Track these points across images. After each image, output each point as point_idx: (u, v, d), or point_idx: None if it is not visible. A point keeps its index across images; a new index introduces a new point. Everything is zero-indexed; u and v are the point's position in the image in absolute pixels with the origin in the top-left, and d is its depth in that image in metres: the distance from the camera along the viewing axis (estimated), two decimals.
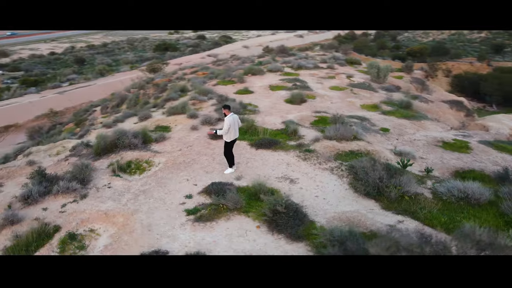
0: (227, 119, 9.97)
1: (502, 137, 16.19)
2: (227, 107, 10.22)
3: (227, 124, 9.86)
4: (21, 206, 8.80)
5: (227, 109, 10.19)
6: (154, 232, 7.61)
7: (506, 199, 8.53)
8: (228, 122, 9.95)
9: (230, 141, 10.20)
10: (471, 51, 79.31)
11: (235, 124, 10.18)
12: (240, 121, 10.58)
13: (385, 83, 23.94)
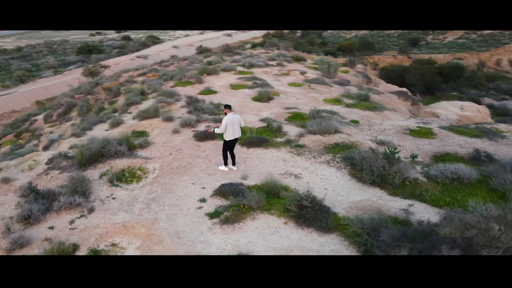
0: (225, 118, 10.01)
1: (453, 122, 17.87)
2: (228, 107, 10.26)
3: (225, 122, 9.90)
4: (21, 227, 8.01)
5: (227, 109, 10.23)
6: (185, 239, 7.40)
7: (494, 176, 9.53)
8: (225, 120, 9.97)
9: (229, 140, 10.19)
10: (391, 45, 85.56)
11: (234, 124, 10.17)
12: (242, 121, 10.56)
13: (336, 78, 25.08)
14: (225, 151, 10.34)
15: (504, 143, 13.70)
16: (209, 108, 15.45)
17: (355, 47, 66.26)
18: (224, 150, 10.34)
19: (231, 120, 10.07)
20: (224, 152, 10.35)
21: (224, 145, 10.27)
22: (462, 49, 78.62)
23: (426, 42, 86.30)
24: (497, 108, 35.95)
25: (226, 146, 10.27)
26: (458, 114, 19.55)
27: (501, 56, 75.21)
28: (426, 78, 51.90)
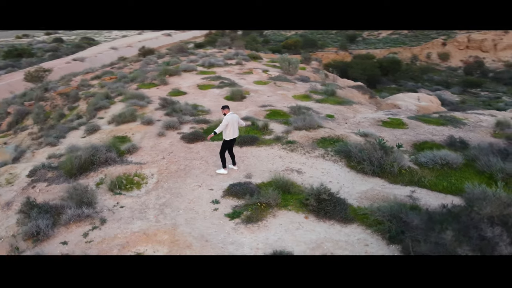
0: (226, 117, 9.96)
1: (414, 112, 19.05)
2: (227, 107, 10.21)
3: (226, 121, 9.87)
4: (30, 245, 7.43)
5: (226, 109, 10.18)
6: (213, 241, 7.32)
7: (478, 160, 10.40)
8: (226, 119, 9.94)
9: (229, 140, 10.16)
10: (330, 42, 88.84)
11: (234, 123, 10.16)
12: (242, 121, 10.56)
13: (296, 75, 25.66)
14: (224, 152, 10.27)
15: (468, 129, 14.92)
16: (187, 109, 15.18)
17: (299, 45, 67.95)
18: (223, 151, 10.26)
19: (231, 119, 10.04)
20: (222, 154, 10.26)
21: (224, 145, 10.21)
22: (396, 44, 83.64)
23: (363, 38, 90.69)
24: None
25: (225, 146, 10.22)
26: (416, 105, 20.90)
27: (430, 50, 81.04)
28: (368, 72, 54.59)
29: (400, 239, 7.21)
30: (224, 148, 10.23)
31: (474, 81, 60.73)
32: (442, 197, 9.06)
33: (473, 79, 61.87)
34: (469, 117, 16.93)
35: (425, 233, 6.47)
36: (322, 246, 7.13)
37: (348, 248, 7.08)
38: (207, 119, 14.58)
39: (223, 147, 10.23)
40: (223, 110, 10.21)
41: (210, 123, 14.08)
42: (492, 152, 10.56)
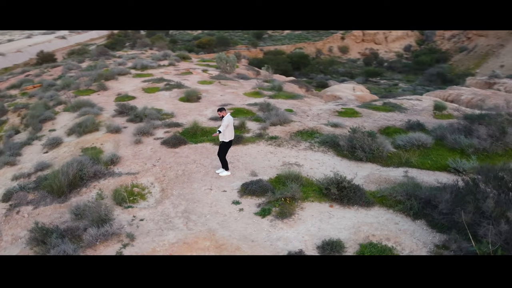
0: (226, 118, 9.90)
1: (354, 102, 20.57)
2: (223, 109, 10.10)
3: (227, 121, 9.82)
4: None
5: (223, 111, 10.07)
6: (259, 241, 7.33)
7: (446, 138, 11.77)
8: (227, 120, 9.90)
9: (228, 141, 10.09)
10: (237, 39, 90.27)
11: (233, 124, 10.15)
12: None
13: (234, 73, 25.89)
14: (225, 154, 10.16)
15: (412, 113, 16.66)
16: (152, 114, 14.54)
17: (213, 43, 67.95)
18: (223, 153, 10.15)
19: (231, 120, 10.01)
20: (223, 156, 10.15)
21: (224, 147, 10.09)
22: (300, 39, 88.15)
23: (269, 35, 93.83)
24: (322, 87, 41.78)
25: (226, 147, 10.11)
26: (353, 95, 22.57)
27: (331, 44, 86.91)
28: (281, 67, 56.82)
29: (423, 214, 8.00)
30: (225, 150, 10.11)
31: (375, 71, 66.84)
32: (431, 174, 10.15)
33: (374, 69, 68.04)
34: (404, 103, 18.83)
35: (454, 206, 7.28)
36: (361, 229, 7.58)
37: (382, 228, 7.63)
38: (177, 122, 14.15)
39: (223, 149, 10.09)
40: (220, 112, 10.04)
41: (183, 126, 13.72)
42: (456, 130, 12.03)
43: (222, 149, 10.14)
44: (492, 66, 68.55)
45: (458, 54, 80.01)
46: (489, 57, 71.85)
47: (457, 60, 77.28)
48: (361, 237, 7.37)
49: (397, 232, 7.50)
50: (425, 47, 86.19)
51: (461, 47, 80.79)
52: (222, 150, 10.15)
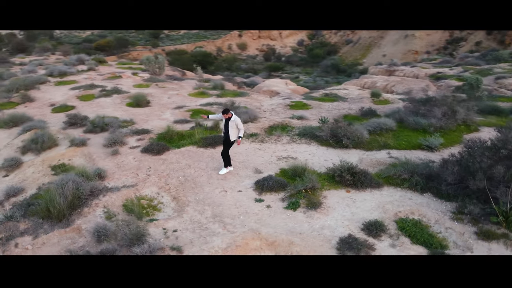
0: (237, 118, 9.84)
1: (291, 95, 21.55)
2: (228, 110, 9.91)
3: (239, 121, 9.79)
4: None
5: (229, 112, 9.87)
6: (306, 232, 7.55)
7: (407, 121, 13.18)
8: (239, 120, 9.87)
9: (233, 140, 10.04)
10: (132, 40, 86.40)
11: None
12: None
13: (163, 75, 25.09)
14: (227, 152, 10.11)
15: (356, 101, 18.18)
16: (114, 122, 13.55)
17: (112, 45, 64.08)
18: (227, 151, 10.09)
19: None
20: (226, 154, 10.09)
21: (229, 146, 10.01)
22: (199, 38, 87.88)
23: (166, 35, 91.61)
24: (249, 83, 43.10)
25: (229, 146, 10.05)
26: (288, 89, 23.59)
27: (230, 42, 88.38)
28: (187, 66, 56.36)
29: (428, 188, 9.02)
30: (228, 148, 10.03)
31: (276, 65, 69.86)
32: (409, 152, 11.37)
33: (275, 64, 71.05)
34: (338, 93, 20.41)
35: (462, 176, 8.38)
36: (386, 208, 8.28)
37: (403, 204, 8.44)
38: (144, 128, 13.43)
39: (227, 148, 10.01)
40: (226, 114, 9.82)
41: (153, 132, 13.09)
42: (412, 113, 13.55)
43: (226, 148, 10.07)
44: (376, 56, 76.71)
45: (345, 46, 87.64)
46: (372, 47, 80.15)
47: (346, 52, 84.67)
48: (391, 215, 8.07)
49: (416, 206, 8.37)
50: (316, 41, 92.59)
51: (347, 40, 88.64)
52: (226, 148, 10.08)
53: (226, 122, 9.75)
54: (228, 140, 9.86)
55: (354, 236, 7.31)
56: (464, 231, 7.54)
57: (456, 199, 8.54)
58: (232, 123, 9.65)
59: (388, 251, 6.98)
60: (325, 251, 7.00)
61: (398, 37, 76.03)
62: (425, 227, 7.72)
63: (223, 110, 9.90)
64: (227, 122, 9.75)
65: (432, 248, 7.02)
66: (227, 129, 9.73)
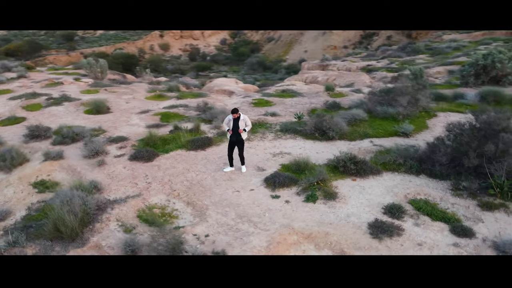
0: (246, 117, 9.94)
1: (243, 93, 21.75)
2: (237, 110, 9.90)
3: (248, 119, 9.89)
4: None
5: (238, 112, 9.88)
6: (334, 222, 7.87)
7: (375, 111, 14.11)
8: (248, 118, 10.00)
9: (245, 138, 10.07)
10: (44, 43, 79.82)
11: None
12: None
13: (106, 79, 23.79)
14: (232, 151, 10.11)
15: (314, 96, 18.96)
16: (84, 132, 12.64)
17: (24, 49, 58.54)
18: (232, 150, 10.09)
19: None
20: (231, 152, 10.10)
21: (243, 145, 10.05)
22: (118, 39, 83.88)
23: (81, 37, 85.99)
24: (194, 85, 42.80)
25: (243, 145, 10.10)
26: (240, 87, 23.75)
27: (152, 42, 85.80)
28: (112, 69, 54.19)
29: (421, 170, 9.87)
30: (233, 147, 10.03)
31: (204, 65, 69.45)
32: (388, 140, 12.24)
33: (203, 64, 70.58)
34: (293, 88, 21.13)
35: (452, 158, 9.31)
36: (395, 192, 8.93)
37: (407, 187, 9.15)
38: (121, 136, 12.73)
39: (243, 147, 10.08)
40: (236, 114, 9.77)
41: (131, 139, 12.48)
42: (377, 103, 14.53)
43: (243, 147, 10.05)
44: (298, 52, 79.84)
45: (267, 44, 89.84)
46: (294, 44, 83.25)
47: (269, 49, 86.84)
48: (401, 197, 8.72)
49: (419, 187, 9.14)
50: (238, 40, 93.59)
51: (268, 37, 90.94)
52: (243, 148, 10.06)
53: (235, 121, 9.71)
54: (240, 139, 9.83)
55: (380, 220, 7.79)
56: (468, 205, 8.41)
57: (449, 177, 9.45)
58: (242, 122, 9.66)
59: (415, 230, 7.56)
60: (360, 237, 7.37)
61: (317, 34, 79.85)
62: (434, 205, 8.46)
63: (232, 110, 9.84)
64: (236, 121, 9.72)
65: (451, 223, 7.75)
66: (236, 128, 9.69)
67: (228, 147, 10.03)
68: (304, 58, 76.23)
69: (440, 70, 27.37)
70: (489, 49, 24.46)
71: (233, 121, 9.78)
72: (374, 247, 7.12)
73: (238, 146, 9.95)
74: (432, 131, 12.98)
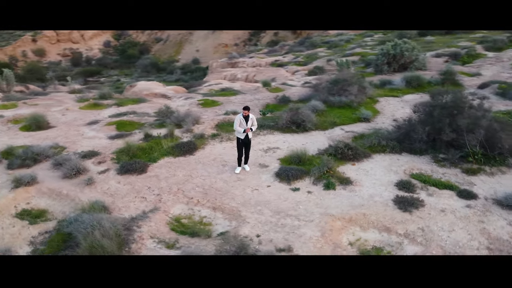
0: (254, 117, 9.93)
1: (175, 95, 21.28)
2: (249, 107, 9.84)
3: (255, 119, 9.90)
4: None
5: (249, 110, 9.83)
6: (366, 204, 8.51)
7: (330, 101, 15.16)
8: (255, 118, 10.03)
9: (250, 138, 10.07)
10: None
11: None
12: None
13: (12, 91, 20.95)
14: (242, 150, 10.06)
15: (256, 92, 19.47)
16: (45, 151, 11.16)
17: None
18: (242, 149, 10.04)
19: None
20: (241, 153, 10.05)
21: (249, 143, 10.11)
22: None
23: None
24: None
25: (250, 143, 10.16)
26: (170, 89, 23.06)
27: (23, 48, 76.86)
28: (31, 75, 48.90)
29: (402, 148, 11.09)
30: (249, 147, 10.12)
31: (93, 70, 64.58)
32: (354, 126, 13.35)
33: (91, 69, 65.61)
34: (229, 87, 21.40)
35: (428, 135, 10.69)
36: (395, 170, 9.96)
37: (400, 165, 10.24)
38: (90, 150, 11.55)
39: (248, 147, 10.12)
40: (248, 111, 9.70)
41: (101, 153, 11.45)
42: (329, 94, 15.62)
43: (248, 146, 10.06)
44: (190, 52, 79.28)
45: (156, 44, 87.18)
46: (184, 44, 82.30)
47: (158, 50, 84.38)
48: (402, 174, 9.76)
49: (409, 164, 10.31)
50: (123, 41, 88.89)
51: (156, 38, 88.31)
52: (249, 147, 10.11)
53: (246, 119, 9.67)
54: (250, 139, 9.84)
55: (401, 195, 8.68)
56: (455, 173, 9.81)
57: (427, 152, 10.82)
58: (250, 121, 9.65)
59: (431, 200, 8.58)
60: (393, 213, 8.14)
61: (207, 32, 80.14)
62: (430, 177, 9.67)
63: (244, 107, 9.73)
64: (246, 119, 9.67)
65: (454, 189, 8.98)
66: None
67: (238, 147, 9.95)
68: (197, 57, 76.07)
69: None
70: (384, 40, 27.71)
71: (244, 120, 9.71)
72: (409, 219, 7.93)
73: (246, 146, 9.93)
74: (384, 114, 14.52)
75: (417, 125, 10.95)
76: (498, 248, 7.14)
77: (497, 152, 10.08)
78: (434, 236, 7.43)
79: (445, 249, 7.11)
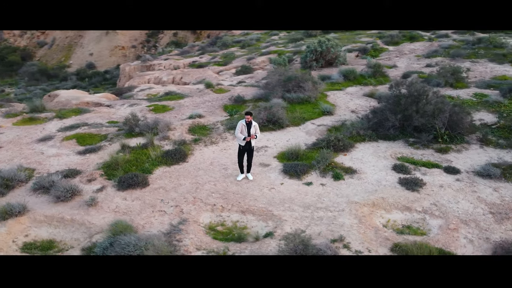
0: (256, 123, 9.79)
1: (108, 102, 20.10)
2: (251, 112, 9.69)
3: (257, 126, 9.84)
4: None
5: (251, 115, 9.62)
6: (379, 189, 9.28)
7: (288, 98, 15.80)
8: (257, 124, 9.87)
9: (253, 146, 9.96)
10: None
11: None
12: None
13: None
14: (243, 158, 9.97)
15: (202, 95, 19.31)
16: (15, 175, 9.77)
17: None
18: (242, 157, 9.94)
19: None
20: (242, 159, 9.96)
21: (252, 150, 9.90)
22: None
23: None
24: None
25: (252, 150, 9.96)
26: (103, 97, 21.49)
27: None
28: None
29: (376, 136, 12.20)
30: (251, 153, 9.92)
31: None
32: (322, 119, 14.17)
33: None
34: (172, 90, 20.88)
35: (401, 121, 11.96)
36: (381, 155, 10.97)
37: (385, 151, 11.29)
38: (70, 169, 10.42)
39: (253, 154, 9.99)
40: (251, 116, 9.48)
41: (83, 171, 10.45)
42: (285, 92, 16.25)
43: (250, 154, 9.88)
44: (82, 56, 73.68)
45: (39, 49, 78.91)
46: (74, 47, 75.97)
47: (44, 55, 76.55)
48: (390, 159, 10.81)
49: (389, 150, 11.43)
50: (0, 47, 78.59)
51: (39, 42, 79.93)
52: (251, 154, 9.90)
53: (249, 126, 9.51)
54: (252, 147, 9.75)
55: (403, 177, 9.66)
56: (431, 153, 11.18)
57: (398, 138, 12.10)
58: (253, 128, 9.51)
59: (427, 178, 9.69)
60: (405, 194, 9.06)
61: (99, 34, 75.17)
62: (413, 158, 10.88)
63: (246, 112, 9.61)
64: (249, 127, 9.48)
65: (439, 167, 10.26)
66: (249, 133, 9.49)
67: (239, 154, 9.77)
68: (92, 61, 71.07)
69: (264, 59, 31.10)
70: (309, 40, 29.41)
71: (246, 126, 9.49)
72: (419, 197, 8.92)
73: (248, 154, 9.80)
74: (340, 107, 15.62)
75: (389, 113, 12.15)
76: (498, 211, 8.43)
77: (458, 131, 11.72)
78: (447, 209, 8.48)
79: (461, 218, 8.19)
